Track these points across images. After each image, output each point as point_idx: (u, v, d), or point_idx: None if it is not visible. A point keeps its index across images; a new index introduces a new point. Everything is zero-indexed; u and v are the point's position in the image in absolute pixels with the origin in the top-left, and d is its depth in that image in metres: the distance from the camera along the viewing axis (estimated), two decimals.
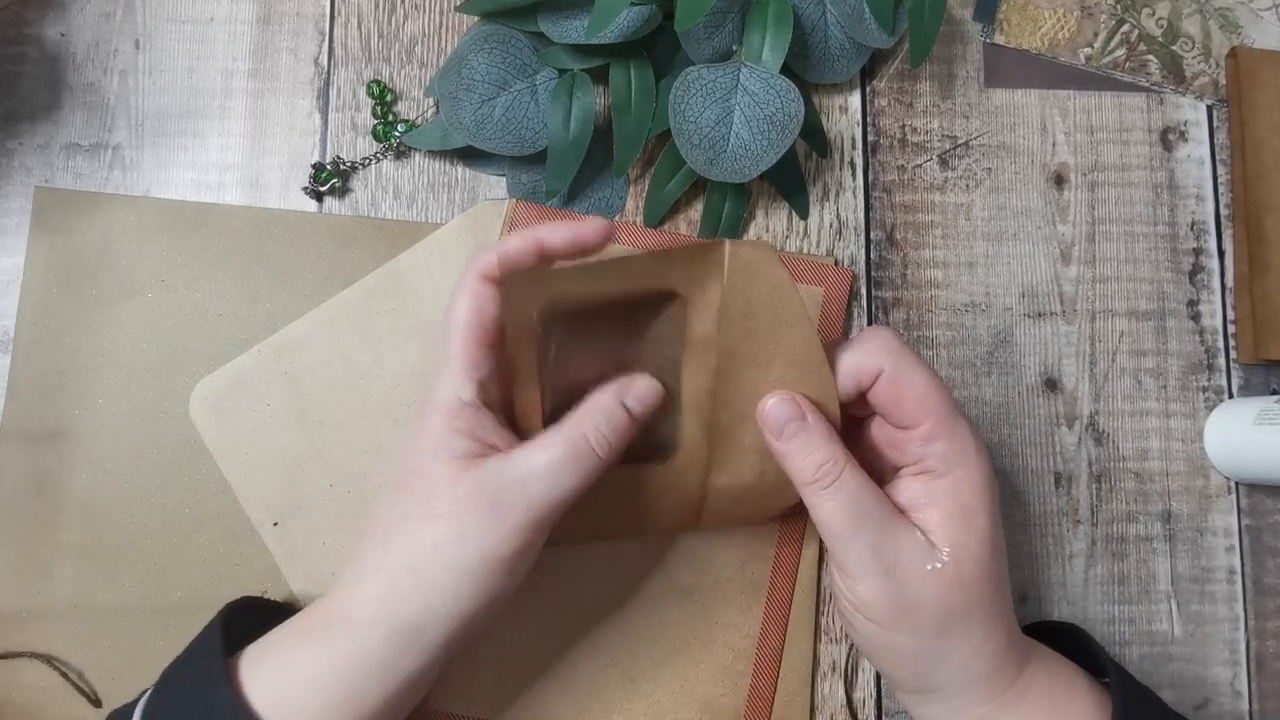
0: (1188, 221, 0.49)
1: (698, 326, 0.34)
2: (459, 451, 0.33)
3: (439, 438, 0.34)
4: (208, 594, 0.43)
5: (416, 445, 0.34)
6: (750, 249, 0.33)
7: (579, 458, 0.33)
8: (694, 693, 0.43)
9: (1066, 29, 0.50)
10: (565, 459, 0.33)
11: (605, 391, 0.35)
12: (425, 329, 0.44)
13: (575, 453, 0.33)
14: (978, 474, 0.34)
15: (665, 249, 0.33)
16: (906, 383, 0.34)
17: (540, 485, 0.33)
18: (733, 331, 0.34)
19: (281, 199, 0.46)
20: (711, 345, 0.34)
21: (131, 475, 0.43)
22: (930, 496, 0.34)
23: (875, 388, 0.34)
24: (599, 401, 0.34)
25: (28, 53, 0.46)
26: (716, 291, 0.33)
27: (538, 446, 0.33)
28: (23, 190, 0.45)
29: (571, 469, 0.33)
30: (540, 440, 0.34)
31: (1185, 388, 0.48)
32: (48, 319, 0.44)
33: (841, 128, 0.48)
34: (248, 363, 0.44)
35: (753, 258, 0.33)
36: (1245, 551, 0.47)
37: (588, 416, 0.34)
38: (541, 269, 0.34)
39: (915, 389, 0.34)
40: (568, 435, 0.33)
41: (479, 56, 0.44)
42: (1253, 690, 0.46)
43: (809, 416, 0.34)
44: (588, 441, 0.33)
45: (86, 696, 0.41)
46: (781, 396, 0.35)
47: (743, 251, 0.33)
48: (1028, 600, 0.46)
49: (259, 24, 0.47)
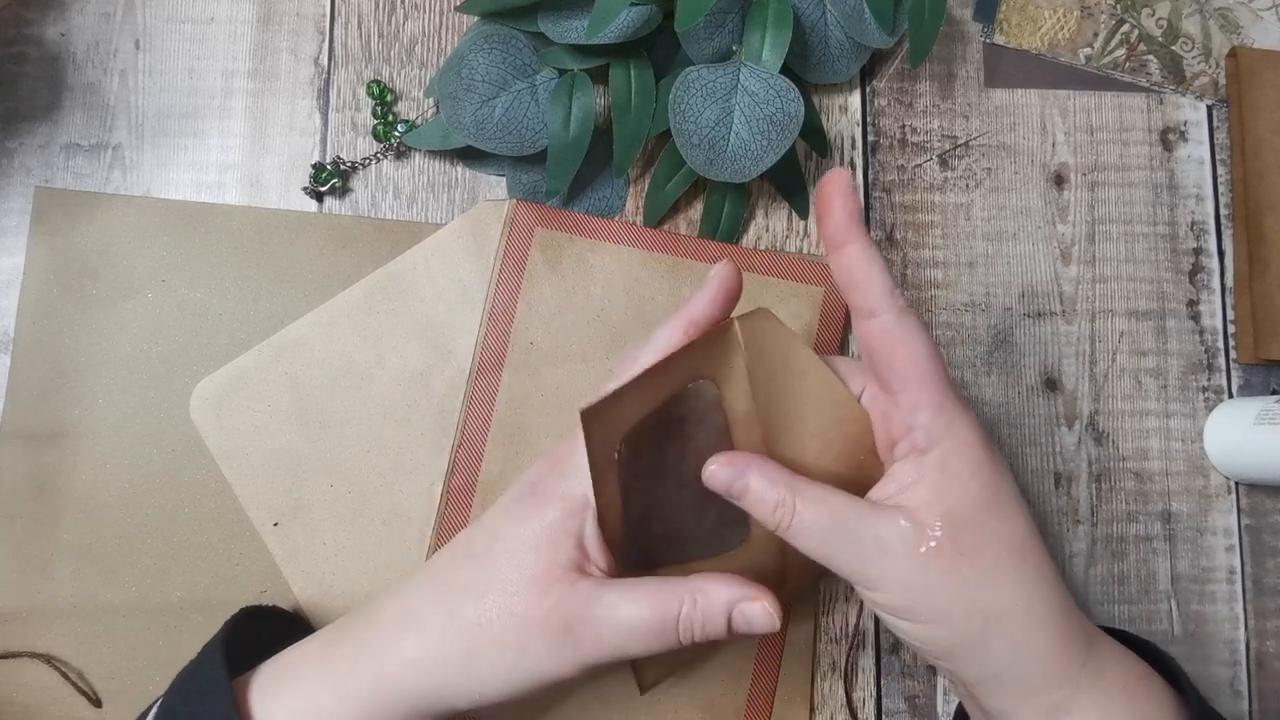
0: (1188, 221, 0.49)
1: (737, 405, 0.35)
2: (561, 558, 0.32)
3: (549, 534, 0.32)
4: (208, 594, 0.43)
5: (520, 526, 0.33)
6: (753, 318, 0.34)
7: (661, 631, 0.32)
8: (695, 692, 0.43)
9: (1066, 29, 0.50)
10: (648, 626, 0.32)
11: (723, 588, 0.33)
12: (426, 329, 0.44)
13: (660, 624, 0.32)
14: (966, 444, 0.32)
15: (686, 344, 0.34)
16: (901, 339, 0.32)
17: (615, 639, 0.32)
18: (766, 398, 0.34)
19: (281, 199, 0.46)
20: (753, 418, 0.35)
21: (131, 475, 0.43)
22: (918, 473, 0.33)
23: (868, 330, 0.33)
24: (712, 595, 0.33)
25: (28, 53, 0.46)
26: (741, 364, 0.34)
27: (630, 599, 0.32)
28: (23, 190, 0.45)
29: (650, 637, 0.32)
30: (635, 592, 0.32)
31: (1185, 388, 0.48)
32: (48, 319, 0.44)
33: (841, 128, 0.48)
34: (248, 363, 0.44)
35: (756, 323, 0.34)
36: (1245, 551, 0.47)
37: (689, 600, 0.32)
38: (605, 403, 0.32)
39: (909, 347, 0.32)
40: (661, 605, 0.32)
41: (479, 56, 0.44)
42: (1253, 690, 0.46)
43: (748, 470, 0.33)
44: (676, 622, 0.32)
45: (86, 696, 0.41)
46: (718, 463, 0.34)
47: (749, 321, 0.34)
48: None
49: (259, 24, 0.47)
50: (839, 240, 0.32)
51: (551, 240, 0.45)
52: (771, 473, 0.33)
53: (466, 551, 0.34)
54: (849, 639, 0.45)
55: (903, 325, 0.32)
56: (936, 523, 0.32)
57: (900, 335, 0.32)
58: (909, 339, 0.32)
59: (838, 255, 0.32)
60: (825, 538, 0.33)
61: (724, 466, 0.34)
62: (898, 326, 0.32)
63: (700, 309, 0.35)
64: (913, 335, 0.32)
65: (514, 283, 0.44)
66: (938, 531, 0.32)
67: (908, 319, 0.32)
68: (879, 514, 0.32)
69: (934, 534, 0.32)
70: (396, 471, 0.43)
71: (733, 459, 0.34)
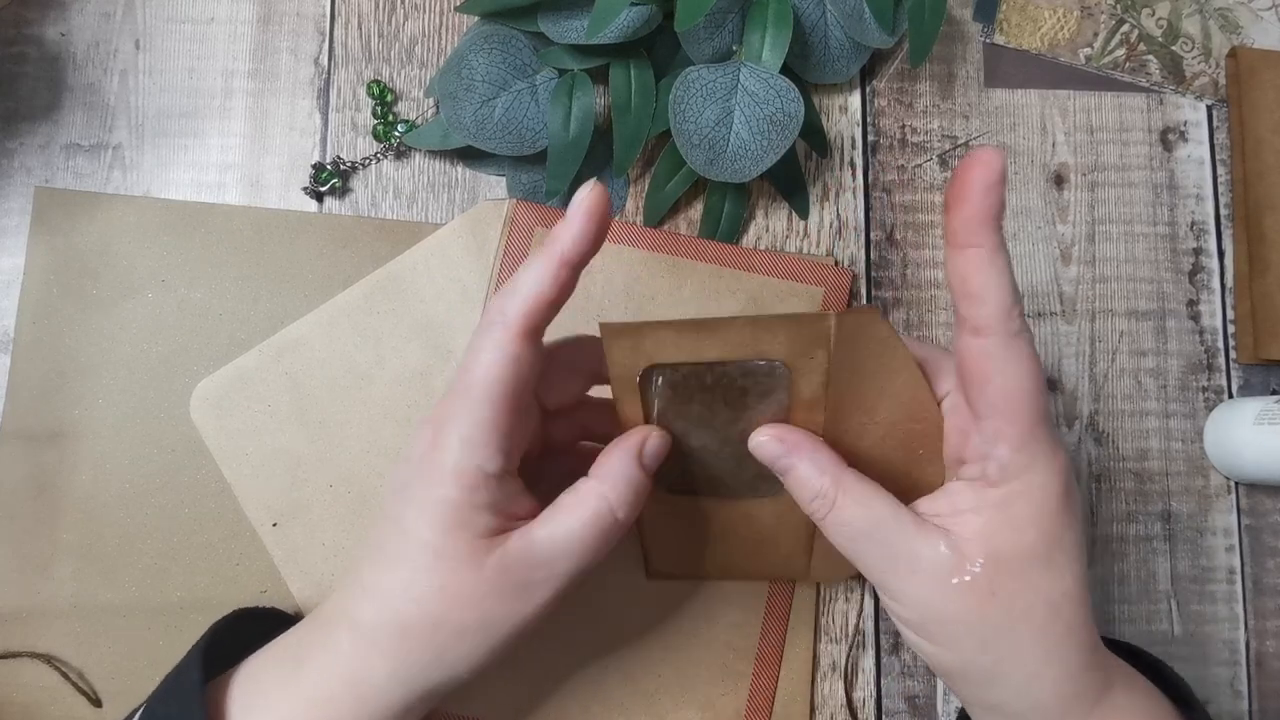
0: (1188, 221, 0.49)
1: (805, 390, 0.34)
2: (481, 529, 0.31)
3: (458, 514, 0.31)
4: (208, 594, 0.43)
5: (426, 515, 0.31)
6: (854, 317, 0.32)
7: (602, 527, 0.31)
8: (695, 693, 0.43)
9: (1066, 29, 0.50)
10: (590, 529, 0.31)
11: (620, 450, 0.32)
12: (426, 330, 0.44)
13: (598, 521, 0.31)
14: (1038, 488, 0.30)
15: (766, 317, 0.32)
16: (1000, 369, 0.29)
17: (568, 563, 0.31)
18: (839, 389, 0.33)
19: (281, 199, 0.46)
20: (819, 402, 0.34)
21: (131, 475, 0.43)
22: (976, 503, 0.31)
23: (967, 348, 0.30)
24: (616, 466, 0.32)
25: (28, 53, 0.46)
26: (823, 359, 0.33)
27: (558, 526, 0.31)
28: (23, 190, 0.45)
29: (597, 538, 0.31)
30: (557, 516, 0.32)
31: (1185, 388, 0.48)
32: (48, 319, 0.44)
33: (841, 128, 0.48)
34: (249, 363, 0.44)
35: (858, 322, 0.32)
36: (1245, 551, 0.47)
37: (608, 483, 0.32)
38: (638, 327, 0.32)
39: (1007, 378, 0.29)
40: (590, 504, 0.31)
41: (479, 56, 0.44)
42: (1253, 690, 0.46)
43: (797, 452, 0.33)
44: (610, 508, 0.31)
45: (86, 696, 0.41)
46: (769, 435, 0.33)
47: (848, 320, 0.32)
48: None
49: (259, 24, 0.47)
50: (962, 241, 0.29)
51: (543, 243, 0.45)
52: (821, 459, 0.33)
53: (384, 553, 0.32)
54: (849, 639, 0.45)
55: (1008, 351, 0.29)
56: (980, 559, 0.30)
57: (1000, 364, 0.29)
58: (1009, 370, 0.29)
59: (957, 256, 0.29)
60: (857, 539, 0.32)
61: (774, 440, 0.33)
62: (1002, 352, 0.29)
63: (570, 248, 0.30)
64: (1016, 365, 0.29)
65: None
66: (977, 568, 0.30)
67: (1016, 345, 0.29)
68: (920, 531, 0.31)
69: (972, 569, 0.31)
70: None
71: (785, 435, 0.33)
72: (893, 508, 0.32)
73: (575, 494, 0.32)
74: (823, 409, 0.34)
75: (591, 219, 0.30)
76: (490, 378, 0.30)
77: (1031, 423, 0.30)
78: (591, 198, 0.30)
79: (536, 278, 0.30)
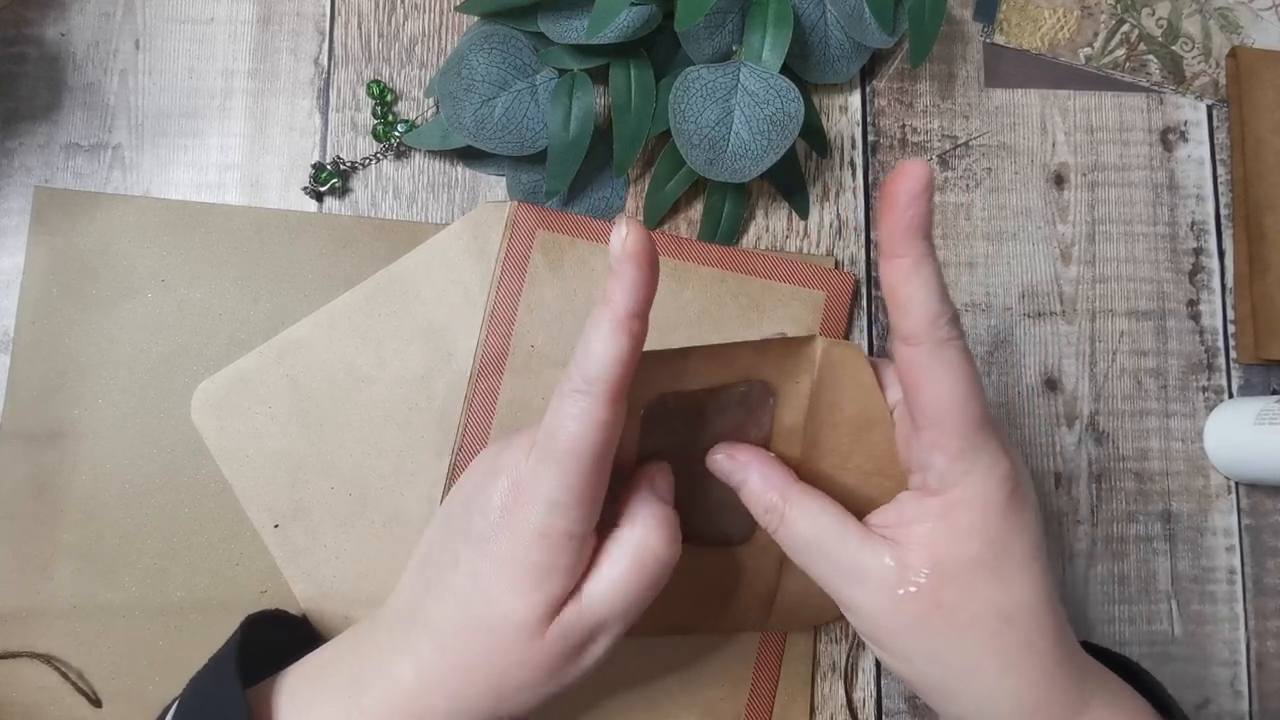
0: (1188, 221, 0.49)
1: (786, 418, 0.34)
2: (551, 595, 0.31)
3: (535, 577, 0.30)
4: (208, 594, 0.43)
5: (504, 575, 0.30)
6: (841, 349, 0.33)
7: (648, 572, 0.32)
8: (695, 696, 0.43)
9: (1066, 29, 0.50)
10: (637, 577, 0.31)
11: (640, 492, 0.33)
12: (427, 332, 0.44)
13: (643, 568, 0.31)
14: (980, 496, 0.30)
15: (762, 341, 0.33)
16: (930, 377, 0.29)
17: (621, 618, 0.32)
18: (818, 424, 0.34)
19: (281, 199, 0.46)
20: (797, 435, 0.35)
21: (131, 475, 0.43)
22: (919, 514, 0.31)
23: (899, 357, 0.30)
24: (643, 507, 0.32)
25: (28, 53, 0.46)
26: (807, 385, 0.34)
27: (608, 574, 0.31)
28: (23, 190, 0.45)
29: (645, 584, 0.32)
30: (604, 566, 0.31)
31: (1185, 388, 0.48)
32: (48, 319, 0.44)
33: (841, 128, 0.48)
34: (249, 365, 0.44)
35: (843, 356, 0.33)
36: (1245, 551, 0.47)
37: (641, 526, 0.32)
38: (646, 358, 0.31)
39: (937, 386, 0.29)
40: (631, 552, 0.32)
41: (479, 56, 0.44)
42: (1253, 690, 0.46)
43: (749, 467, 0.33)
44: (652, 551, 0.32)
45: (86, 696, 0.41)
46: (722, 452, 0.34)
47: (835, 350, 0.33)
48: None
49: (259, 24, 0.47)
50: (888, 251, 0.29)
51: (553, 243, 0.45)
52: (771, 474, 0.33)
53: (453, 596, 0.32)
54: (849, 639, 0.45)
55: (936, 359, 0.29)
56: (924, 570, 0.30)
57: (929, 372, 0.29)
58: (939, 376, 0.29)
59: (884, 266, 0.29)
60: (808, 550, 0.33)
61: (727, 458, 0.34)
62: (929, 360, 0.29)
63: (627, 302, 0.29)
64: (945, 372, 0.29)
65: (515, 285, 0.44)
66: (921, 579, 0.30)
67: (945, 352, 0.29)
68: (866, 543, 0.32)
69: (916, 580, 0.31)
70: (397, 474, 0.43)
71: (736, 451, 0.34)
72: (839, 520, 0.32)
73: (616, 545, 0.32)
74: (800, 443, 0.35)
75: (639, 265, 0.29)
76: (581, 446, 0.29)
77: (967, 430, 0.30)
78: (632, 242, 0.28)
79: (607, 341, 0.29)
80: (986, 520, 0.30)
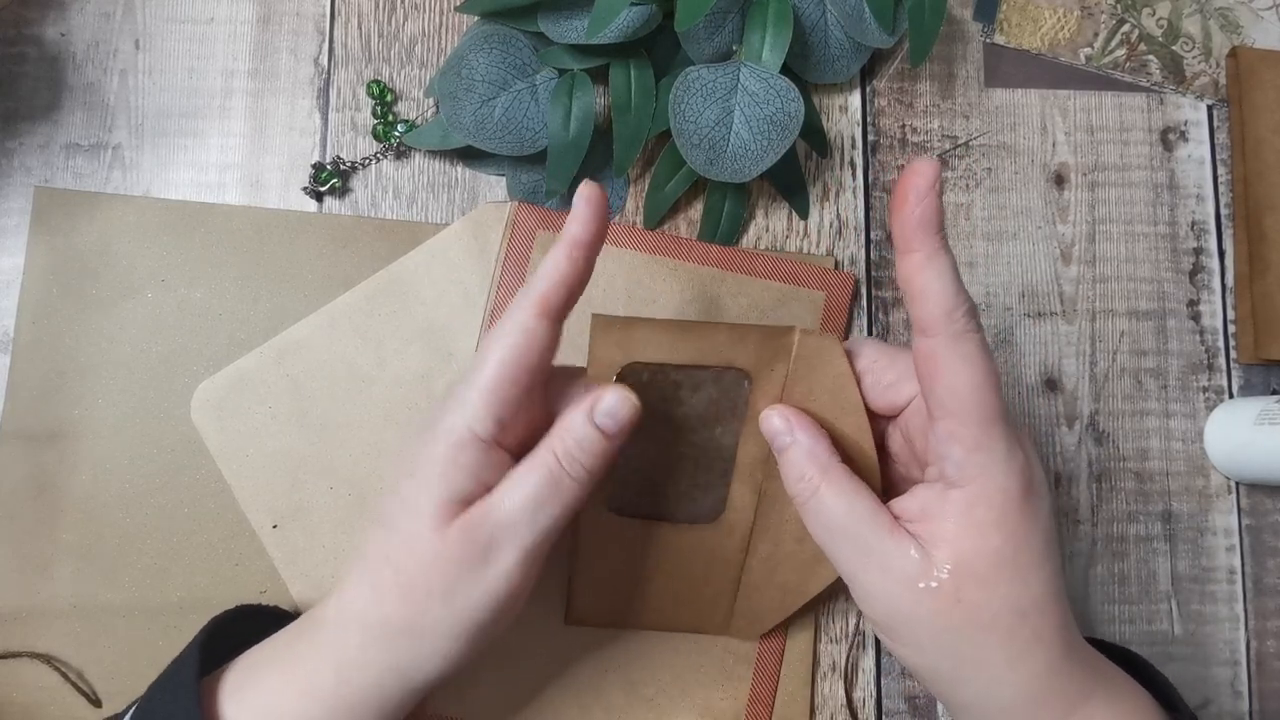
0: (1188, 221, 0.49)
1: (760, 403, 0.35)
2: (455, 491, 0.31)
3: (438, 469, 0.31)
4: (208, 594, 0.43)
5: (415, 473, 0.32)
6: (818, 339, 0.34)
7: (556, 484, 0.32)
8: (694, 696, 0.43)
9: (1066, 29, 0.50)
10: (542, 488, 0.32)
11: (574, 410, 0.33)
12: (427, 332, 0.44)
13: (550, 478, 0.32)
14: (999, 491, 0.31)
15: (742, 326, 0.34)
16: (946, 367, 0.30)
17: (527, 526, 0.32)
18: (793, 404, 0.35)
19: (281, 199, 0.46)
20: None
21: (131, 475, 0.43)
22: (941, 508, 0.31)
23: (917, 349, 0.31)
24: (568, 423, 0.32)
25: (28, 53, 0.46)
26: (782, 373, 0.34)
27: (513, 483, 0.32)
28: (23, 190, 0.45)
29: (552, 500, 0.32)
30: (515, 474, 0.32)
31: (1185, 388, 0.48)
32: (48, 319, 0.44)
33: (841, 128, 0.48)
34: (249, 365, 0.44)
35: (820, 346, 0.34)
36: (1245, 551, 0.47)
37: (558, 440, 0.32)
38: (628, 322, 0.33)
39: (954, 376, 0.30)
40: (541, 463, 0.32)
41: (479, 56, 0.44)
42: (1253, 690, 0.46)
43: (797, 434, 0.34)
44: (561, 466, 0.32)
45: (86, 696, 0.41)
46: (778, 412, 0.34)
47: (811, 340, 0.34)
48: None
49: (259, 24, 0.47)
50: (903, 246, 0.30)
51: (553, 243, 0.45)
52: (815, 447, 0.34)
53: (380, 519, 0.33)
54: (849, 639, 0.45)
55: (953, 351, 0.30)
56: (946, 565, 0.31)
57: (946, 363, 0.30)
58: (956, 368, 0.30)
59: (901, 261, 0.31)
60: (834, 531, 0.33)
61: (781, 418, 0.34)
62: (947, 351, 0.30)
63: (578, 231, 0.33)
64: (962, 363, 0.30)
65: (515, 285, 0.44)
66: (944, 574, 0.31)
67: (962, 344, 0.30)
68: (894, 534, 0.32)
69: (939, 575, 0.31)
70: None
71: (790, 416, 0.34)
72: (872, 508, 0.33)
73: (531, 457, 0.32)
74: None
75: (591, 205, 0.33)
76: (500, 349, 0.31)
77: (984, 422, 0.30)
78: (588, 190, 0.33)
79: (552, 260, 0.32)
80: (1005, 515, 0.31)
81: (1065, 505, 0.47)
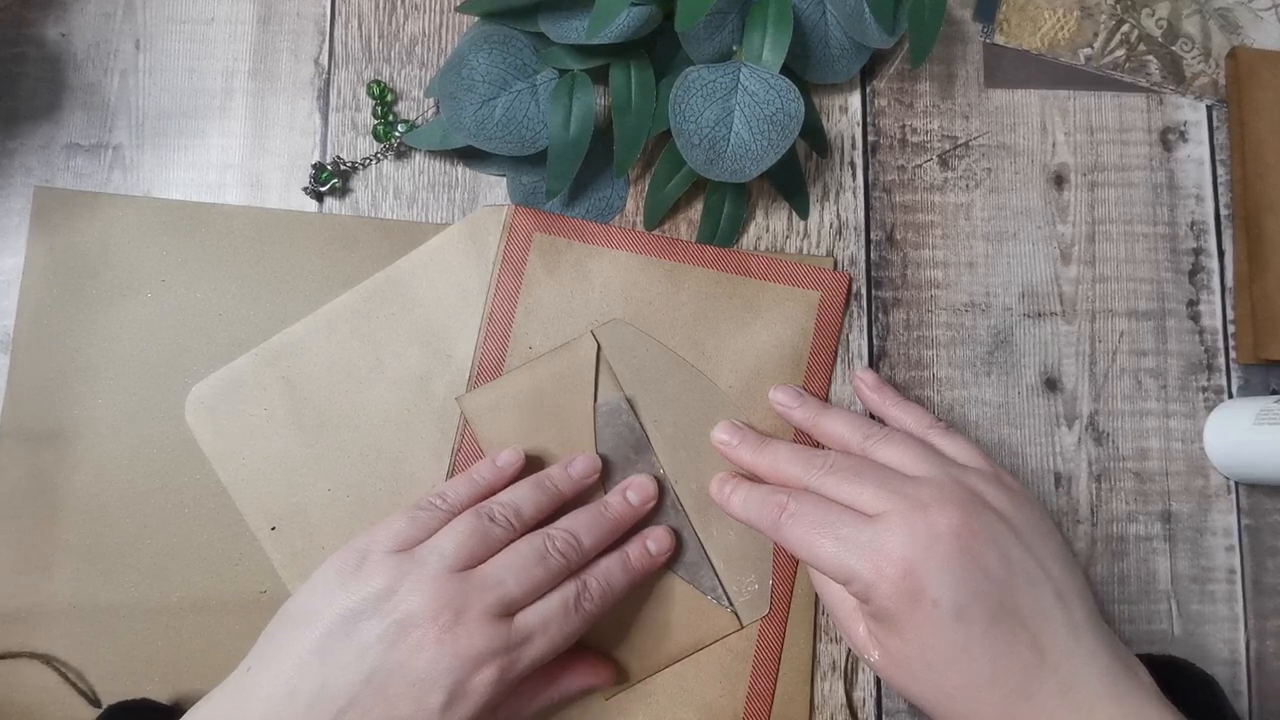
0: (1187, 221, 0.49)
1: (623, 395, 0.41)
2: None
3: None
4: (208, 594, 0.43)
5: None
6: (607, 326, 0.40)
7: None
8: (693, 694, 0.43)
9: (1066, 29, 0.50)
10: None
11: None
12: (425, 334, 0.44)
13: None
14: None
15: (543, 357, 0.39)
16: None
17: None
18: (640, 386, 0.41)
19: (281, 199, 0.46)
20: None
21: (131, 475, 0.43)
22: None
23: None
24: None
25: (28, 53, 0.46)
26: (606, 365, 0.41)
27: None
28: (23, 190, 0.45)
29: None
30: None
31: (1185, 388, 0.48)
32: (48, 319, 0.44)
33: (841, 128, 0.48)
34: (244, 366, 0.44)
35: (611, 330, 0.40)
36: (1245, 551, 0.47)
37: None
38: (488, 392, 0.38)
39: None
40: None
41: (479, 56, 0.44)
42: (1253, 690, 0.46)
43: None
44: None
45: (86, 696, 0.42)
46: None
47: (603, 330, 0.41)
48: None
49: (259, 24, 0.47)
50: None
51: (550, 245, 0.45)
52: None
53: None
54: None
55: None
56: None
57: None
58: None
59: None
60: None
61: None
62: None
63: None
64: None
65: (513, 287, 0.44)
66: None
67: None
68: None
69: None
70: (396, 476, 0.43)
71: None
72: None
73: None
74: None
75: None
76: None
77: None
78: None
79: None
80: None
81: (1065, 505, 0.47)
